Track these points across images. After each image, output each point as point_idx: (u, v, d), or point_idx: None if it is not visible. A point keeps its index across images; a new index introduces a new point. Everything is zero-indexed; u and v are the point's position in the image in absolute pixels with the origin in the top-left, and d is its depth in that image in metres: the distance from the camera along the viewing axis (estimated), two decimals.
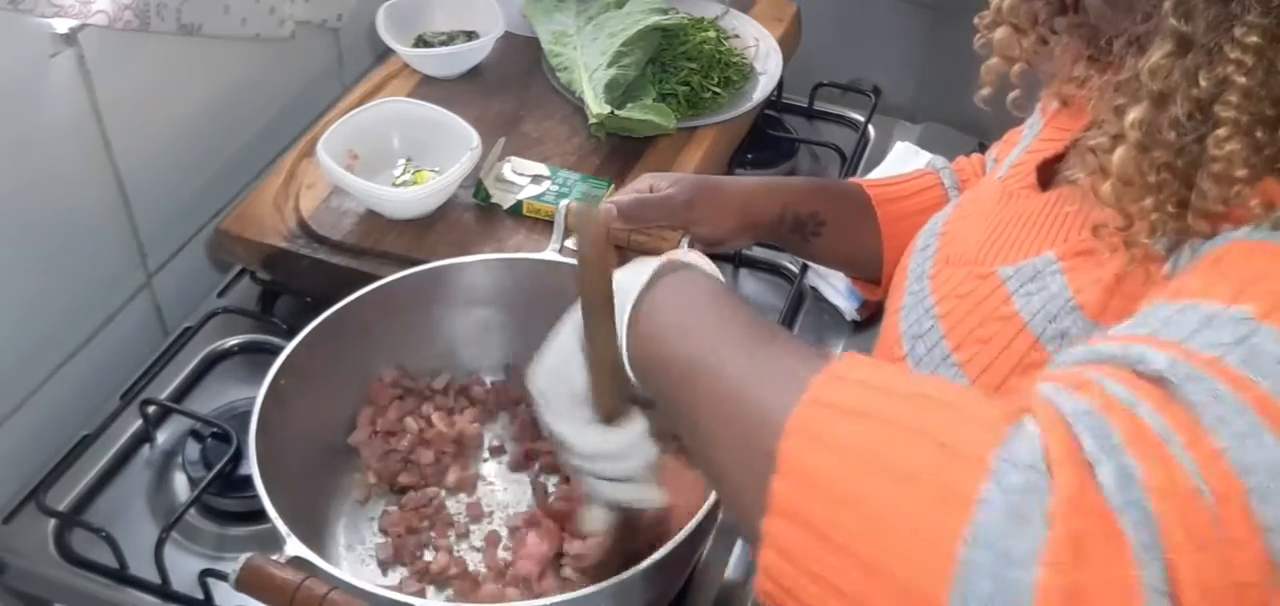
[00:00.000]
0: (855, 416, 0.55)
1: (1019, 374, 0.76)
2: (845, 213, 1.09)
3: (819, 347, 0.69)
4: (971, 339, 0.80)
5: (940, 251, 0.91)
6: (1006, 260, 0.82)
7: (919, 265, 0.93)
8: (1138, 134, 0.66)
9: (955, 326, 0.82)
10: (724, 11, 1.50)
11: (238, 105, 1.27)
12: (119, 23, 1.05)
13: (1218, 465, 0.51)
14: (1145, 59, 0.66)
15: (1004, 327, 0.78)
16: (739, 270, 1.28)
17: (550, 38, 1.41)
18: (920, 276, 0.91)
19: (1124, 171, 0.67)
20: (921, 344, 0.84)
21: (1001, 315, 0.79)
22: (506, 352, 1.08)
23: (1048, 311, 0.75)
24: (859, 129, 1.47)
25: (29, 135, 1.01)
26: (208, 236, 1.26)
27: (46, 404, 1.08)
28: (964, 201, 0.96)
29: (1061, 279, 0.76)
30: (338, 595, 0.74)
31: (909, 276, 0.93)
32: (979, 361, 0.79)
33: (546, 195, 1.20)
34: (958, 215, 0.94)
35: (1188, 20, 0.64)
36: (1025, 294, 0.78)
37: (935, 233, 0.94)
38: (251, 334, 1.18)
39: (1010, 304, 0.78)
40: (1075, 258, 0.76)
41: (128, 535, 0.97)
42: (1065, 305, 0.74)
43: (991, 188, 0.92)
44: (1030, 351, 0.75)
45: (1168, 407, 0.53)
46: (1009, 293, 0.79)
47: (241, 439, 1.01)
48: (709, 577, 0.97)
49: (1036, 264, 0.78)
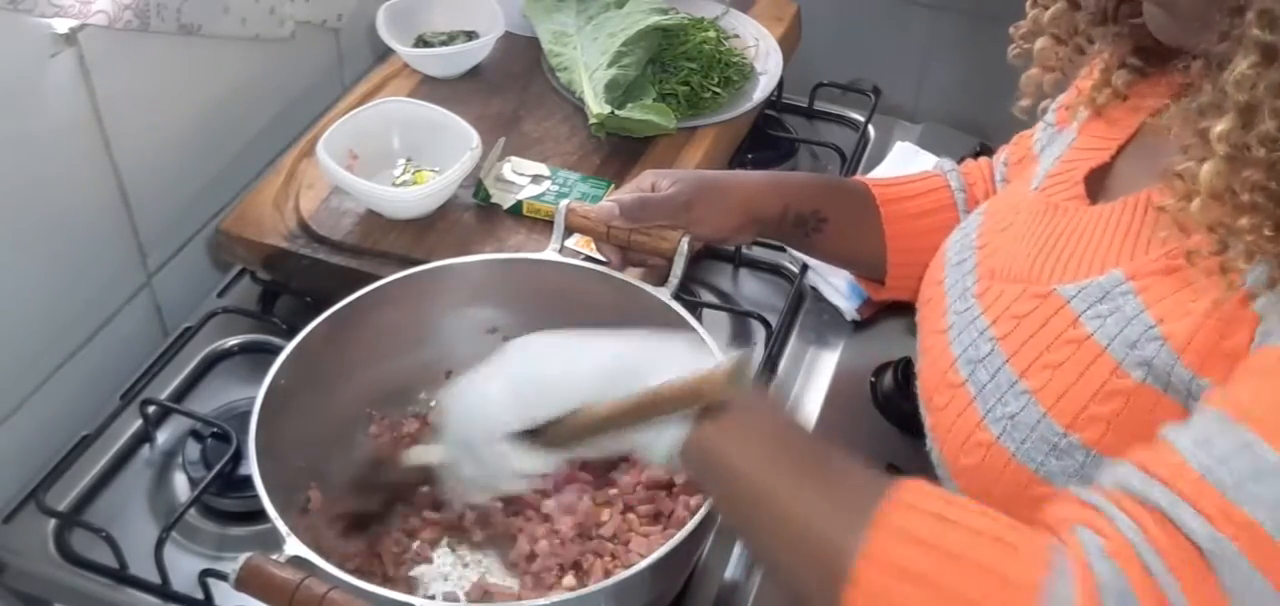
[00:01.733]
0: (925, 547, 0.63)
1: (1101, 401, 0.75)
2: (847, 210, 1.09)
3: (876, 472, 0.71)
4: (1040, 365, 0.79)
5: (982, 265, 0.90)
6: (1065, 278, 0.80)
7: (959, 280, 0.91)
8: (1226, 147, 0.66)
9: (1019, 350, 0.81)
10: (724, 11, 1.50)
11: (238, 105, 1.27)
12: (119, 23, 1.05)
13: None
14: (1229, 72, 0.66)
15: (1078, 352, 0.77)
16: (739, 270, 1.28)
17: (550, 38, 1.41)
18: (964, 293, 0.90)
19: (1213, 186, 0.67)
20: (982, 369, 0.83)
21: (1071, 338, 0.77)
22: None
23: (1126, 337, 0.74)
24: (859, 129, 1.47)
25: (29, 135, 1.01)
26: (208, 236, 1.26)
27: (46, 404, 1.08)
28: (999, 210, 0.95)
29: (1135, 301, 0.75)
30: (337, 594, 0.74)
31: (949, 293, 0.92)
32: (1053, 388, 0.77)
33: (546, 195, 1.20)
34: (993, 226, 0.92)
35: (1273, 30, 0.64)
36: (1096, 316, 0.76)
37: (971, 245, 0.93)
38: (251, 334, 1.18)
39: (1079, 326, 0.77)
40: (1149, 278, 0.75)
41: (128, 535, 0.97)
42: (1146, 332, 0.73)
43: (1028, 197, 0.90)
44: (1111, 378, 0.75)
45: (1198, 589, 0.58)
46: (1075, 314, 0.78)
47: (241, 439, 1.01)
48: (709, 577, 0.97)
49: (1103, 284, 0.77)
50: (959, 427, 0.83)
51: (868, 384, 1.13)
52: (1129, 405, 0.74)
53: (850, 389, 1.14)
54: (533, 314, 1.06)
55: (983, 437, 0.81)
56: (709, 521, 0.86)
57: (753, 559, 0.72)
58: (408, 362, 1.05)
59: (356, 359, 1.01)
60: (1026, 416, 0.79)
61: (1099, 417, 0.75)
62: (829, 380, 1.15)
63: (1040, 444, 0.78)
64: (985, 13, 0.93)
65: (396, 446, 0.98)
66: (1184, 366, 0.72)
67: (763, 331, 1.16)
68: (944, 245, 0.98)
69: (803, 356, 1.17)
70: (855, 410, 1.11)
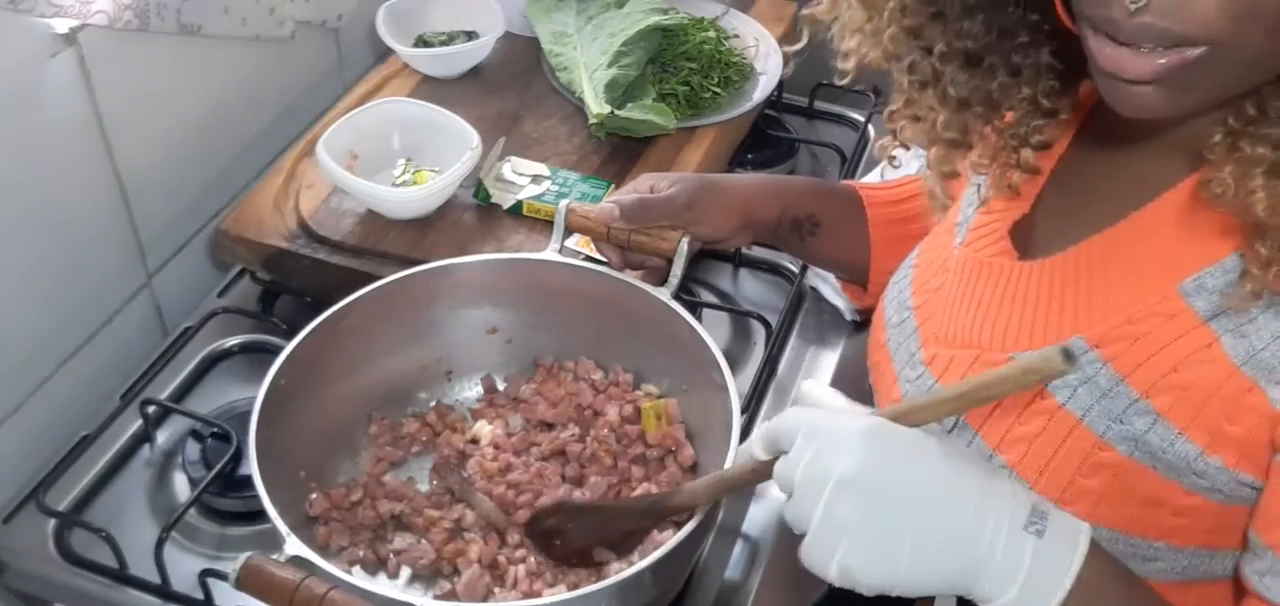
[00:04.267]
0: None
1: (1086, 474, 0.73)
2: (839, 214, 1.09)
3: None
4: (1013, 437, 0.76)
5: (923, 328, 0.87)
6: (1018, 343, 0.78)
7: (902, 344, 0.89)
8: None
9: (986, 423, 0.78)
10: (724, 11, 1.50)
11: (238, 105, 1.27)
12: (119, 23, 1.05)
13: None
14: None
15: (1052, 424, 0.75)
16: (739, 270, 1.28)
17: (550, 38, 1.41)
18: (911, 359, 0.87)
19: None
20: (951, 443, 0.79)
21: (1040, 409, 0.75)
22: (506, 353, 1.08)
23: (1108, 409, 0.73)
24: (859, 129, 1.47)
25: (29, 135, 1.01)
26: (208, 236, 1.26)
27: (46, 404, 1.08)
28: (925, 265, 0.92)
29: (1109, 371, 0.73)
30: (337, 594, 0.74)
31: (895, 358, 0.90)
32: (1033, 462, 0.75)
33: (546, 195, 1.20)
34: (923, 284, 0.90)
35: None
36: (1064, 386, 0.74)
37: (907, 305, 0.91)
38: (251, 334, 1.18)
39: (1047, 397, 0.75)
40: (1116, 345, 0.73)
41: (128, 535, 0.97)
42: (1132, 405, 0.72)
43: (954, 254, 0.88)
44: (1094, 451, 0.73)
45: None
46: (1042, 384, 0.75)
47: (241, 439, 1.01)
48: (709, 577, 0.97)
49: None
50: None
51: (868, 384, 1.13)
52: (1117, 479, 0.73)
53: (850, 389, 1.11)
54: (533, 314, 1.07)
55: None
56: (709, 521, 0.86)
57: None
58: (408, 362, 1.05)
59: (356, 359, 1.01)
60: None
61: (1088, 491, 0.74)
62: (829, 380, 1.15)
63: None
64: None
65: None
66: (1187, 442, 0.70)
67: (763, 331, 1.16)
68: (882, 300, 0.96)
69: (803, 356, 1.17)
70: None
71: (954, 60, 0.79)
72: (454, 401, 1.07)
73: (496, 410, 1.05)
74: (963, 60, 0.79)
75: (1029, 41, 0.79)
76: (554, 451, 1.00)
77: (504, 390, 1.07)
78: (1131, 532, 0.74)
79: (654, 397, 1.03)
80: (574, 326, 1.06)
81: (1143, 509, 0.73)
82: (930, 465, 0.66)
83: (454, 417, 1.04)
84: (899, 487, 0.66)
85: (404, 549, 0.94)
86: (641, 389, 1.04)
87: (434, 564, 0.93)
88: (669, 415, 1.00)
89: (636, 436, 1.00)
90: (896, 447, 0.67)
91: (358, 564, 0.93)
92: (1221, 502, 0.71)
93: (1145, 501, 0.73)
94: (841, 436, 0.68)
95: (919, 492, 0.66)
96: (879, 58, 0.83)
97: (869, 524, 0.66)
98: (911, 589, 0.67)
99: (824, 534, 0.66)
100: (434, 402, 1.06)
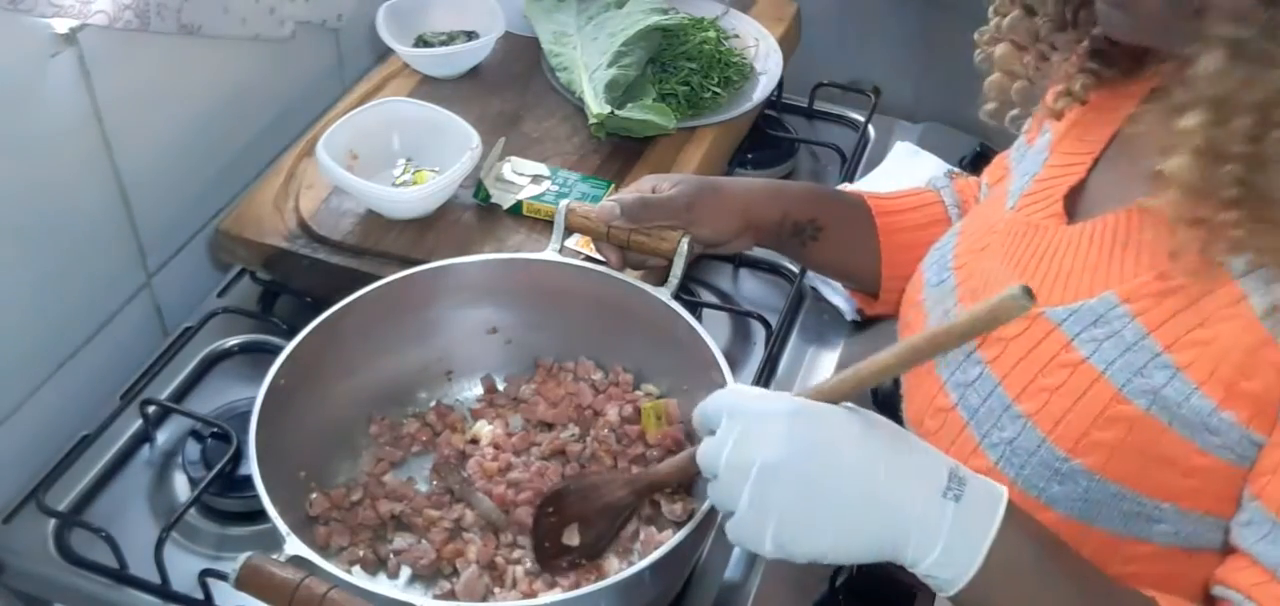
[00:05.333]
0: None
1: (1102, 427, 0.75)
2: (843, 221, 1.09)
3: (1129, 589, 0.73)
4: (1035, 388, 0.78)
5: (961, 286, 0.89)
6: (1052, 300, 0.79)
7: (939, 302, 0.91)
8: (1199, 140, 0.67)
9: (1010, 373, 0.80)
10: (724, 11, 1.50)
11: (238, 105, 1.27)
12: (119, 23, 1.05)
13: None
14: (1197, 68, 0.66)
15: (1073, 377, 0.76)
16: (739, 270, 1.28)
17: (550, 38, 1.41)
18: (945, 315, 0.89)
19: (1191, 183, 0.68)
20: (973, 393, 0.82)
21: (1064, 362, 0.77)
22: (506, 353, 1.08)
23: (1130, 362, 0.74)
24: (859, 129, 1.47)
25: (29, 135, 1.01)
26: (208, 236, 1.26)
27: (46, 404, 1.08)
28: (973, 230, 0.94)
29: (1136, 325, 0.74)
30: (337, 594, 0.74)
31: (930, 314, 0.91)
32: (1051, 412, 0.77)
33: (546, 195, 1.20)
34: (969, 246, 0.92)
35: (1241, 26, 0.65)
36: (1091, 340, 0.76)
37: (948, 265, 0.92)
38: (251, 334, 1.18)
39: (1072, 350, 0.77)
40: (1146, 300, 0.75)
41: (128, 535, 0.97)
42: (1154, 359, 0.73)
43: (1004, 217, 0.90)
44: (1111, 404, 0.74)
45: None
46: (1068, 338, 0.77)
47: (241, 439, 1.01)
48: (709, 577, 0.97)
49: (1094, 307, 0.77)
50: (953, 454, 0.81)
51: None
52: (1131, 433, 0.74)
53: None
54: (533, 314, 1.07)
55: (979, 464, 0.80)
56: (709, 521, 0.86)
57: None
58: (408, 362, 1.05)
59: (356, 359, 1.01)
60: (1025, 441, 0.78)
61: (1101, 443, 0.75)
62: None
63: (1041, 470, 0.77)
64: (986, 13, 0.93)
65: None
66: (1203, 397, 0.71)
67: (763, 331, 1.16)
68: (921, 264, 0.98)
69: (803, 356, 1.17)
70: None
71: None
72: (454, 401, 1.07)
73: (496, 410, 1.05)
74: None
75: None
76: (554, 451, 1.00)
77: (504, 390, 1.07)
78: (1140, 490, 0.75)
79: (654, 397, 1.03)
80: (574, 326, 1.06)
81: (1155, 466, 0.74)
82: (848, 443, 0.71)
83: (454, 417, 1.04)
84: (818, 467, 0.70)
85: (404, 549, 0.94)
86: (641, 389, 1.05)
87: (434, 564, 0.93)
88: (669, 415, 1.00)
89: (636, 436, 1.00)
90: (816, 429, 0.72)
91: (358, 564, 0.93)
92: (1232, 463, 0.72)
93: (1157, 459, 0.74)
94: (764, 420, 0.72)
95: (837, 471, 0.70)
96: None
97: (793, 504, 0.70)
98: (843, 558, 0.73)
99: (752, 516, 0.71)
100: (434, 402, 1.06)
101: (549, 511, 0.92)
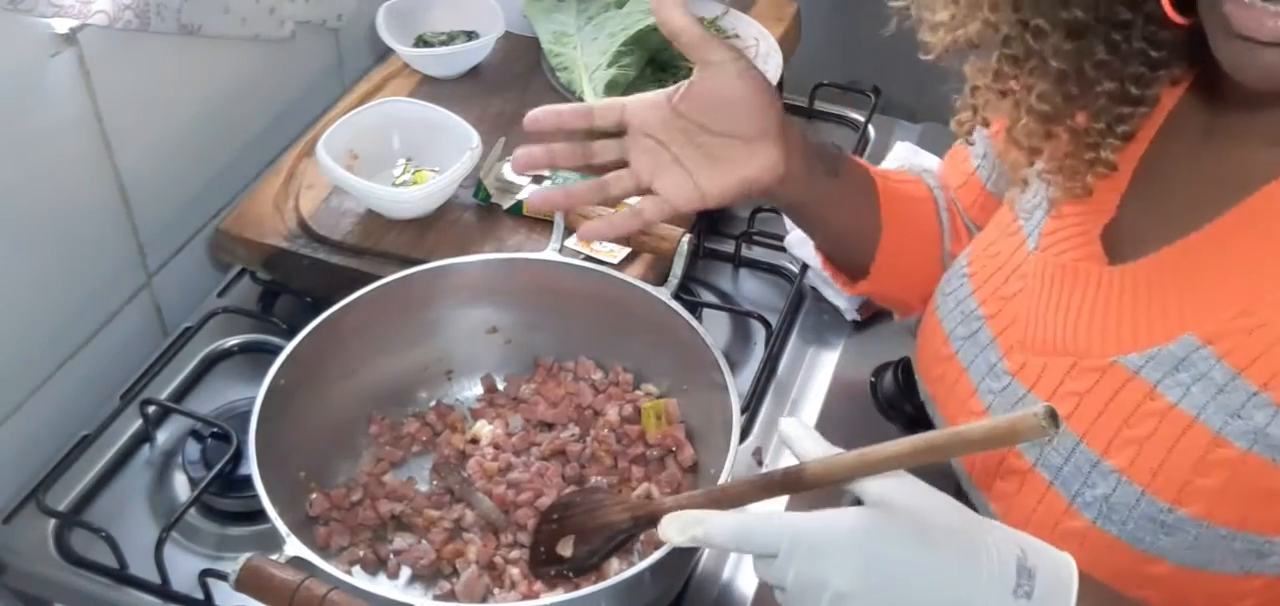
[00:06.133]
0: None
1: (1203, 473, 0.72)
2: (853, 167, 1.03)
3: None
4: (1122, 440, 0.75)
5: (1003, 338, 0.85)
6: (1121, 347, 0.77)
7: (978, 355, 0.86)
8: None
9: (1092, 427, 0.77)
10: (724, 11, 1.50)
11: (238, 105, 1.27)
12: (119, 23, 1.05)
13: None
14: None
15: (1163, 425, 0.73)
16: (739, 270, 1.28)
17: (550, 38, 1.41)
18: (993, 370, 0.85)
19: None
20: (1053, 453, 0.79)
21: (1151, 410, 0.74)
22: (506, 353, 1.08)
23: (1225, 404, 0.71)
24: (859, 129, 1.47)
25: (29, 135, 1.01)
26: (208, 236, 1.26)
27: (46, 404, 1.08)
28: (988, 270, 0.89)
29: (1224, 367, 0.72)
30: (337, 595, 0.74)
31: (971, 370, 0.87)
32: (1145, 464, 0.74)
33: None
34: (993, 290, 0.88)
35: None
36: (1177, 385, 0.73)
37: (974, 314, 0.89)
38: (251, 334, 1.18)
39: (1157, 397, 0.74)
40: (1230, 339, 0.72)
41: (128, 535, 0.97)
42: (1251, 398, 0.71)
43: (1028, 258, 0.86)
44: (1211, 448, 0.72)
45: None
46: (1150, 384, 0.74)
47: (241, 439, 1.01)
48: (709, 577, 0.97)
49: (1174, 351, 0.74)
50: (1040, 515, 0.80)
51: (868, 384, 1.13)
52: (1236, 476, 0.72)
53: (850, 389, 1.14)
54: (533, 314, 1.07)
55: (1074, 525, 0.78)
56: None
57: None
58: (408, 362, 1.05)
59: (356, 359, 1.01)
60: (1122, 496, 0.75)
61: (1205, 490, 0.72)
62: (829, 380, 1.15)
63: (1146, 524, 0.74)
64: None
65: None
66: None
67: (763, 331, 1.16)
68: (932, 308, 0.94)
69: (803, 356, 1.18)
70: (855, 410, 1.11)
71: (1057, 31, 0.80)
72: (454, 401, 1.07)
73: (496, 410, 1.05)
74: (1066, 31, 0.80)
75: (1129, 21, 0.80)
76: (554, 451, 1.00)
77: (504, 390, 1.07)
78: (1249, 529, 0.72)
79: (654, 397, 1.03)
80: (574, 326, 1.06)
81: (1263, 504, 0.72)
82: (920, 565, 0.67)
83: (454, 417, 1.04)
84: (893, 591, 0.67)
85: (404, 549, 0.94)
86: (641, 389, 1.05)
87: (434, 564, 0.93)
88: (669, 415, 1.00)
89: (636, 436, 1.00)
90: (888, 549, 0.67)
91: (358, 564, 0.93)
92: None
93: (1265, 495, 0.71)
94: (832, 544, 0.68)
95: (909, 595, 0.67)
96: (975, 31, 0.83)
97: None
98: None
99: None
100: (434, 402, 1.06)
101: (552, 519, 0.92)
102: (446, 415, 1.04)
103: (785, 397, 1.13)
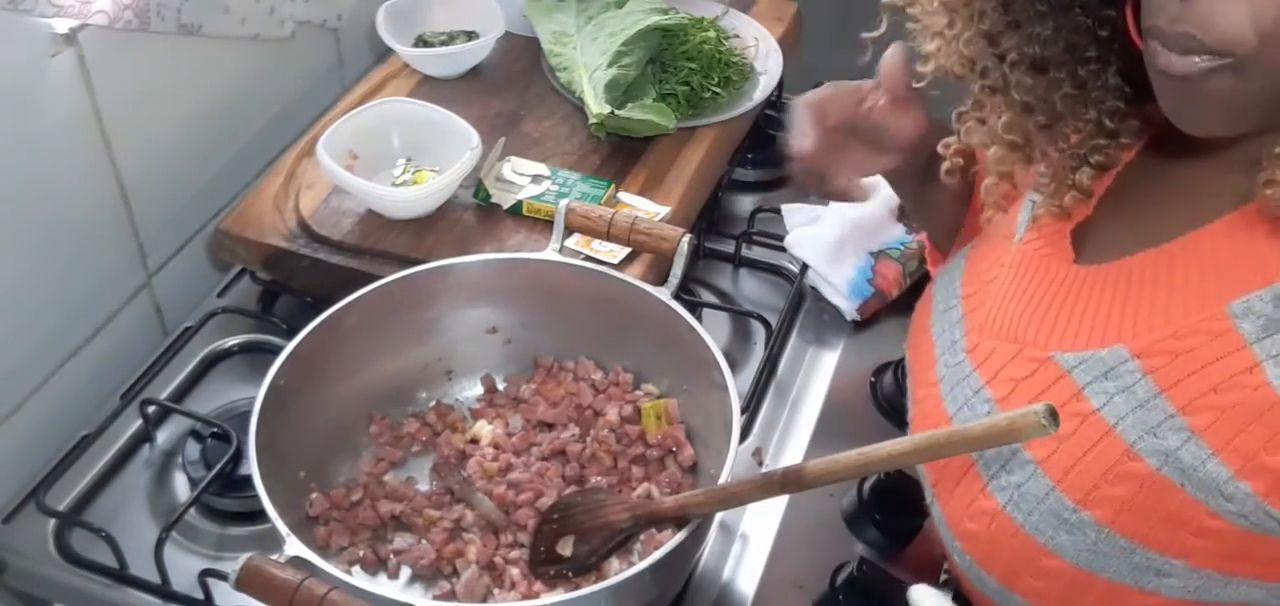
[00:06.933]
0: None
1: (1112, 482, 0.73)
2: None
3: None
4: (1045, 436, 0.75)
5: (969, 317, 0.87)
6: (1061, 344, 0.78)
7: (946, 331, 0.89)
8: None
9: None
10: (724, 11, 1.50)
11: (238, 105, 1.28)
12: (119, 23, 1.05)
13: None
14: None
15: (1084, 427, 0.75)
16: (739, 270, 1.28)
17: (550, 38, 1.41)
18: (952, 346, 0.87)
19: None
20: None
21: (1075, 411, 0.75)
22: (506, 353, 1.08)
23: (1142, 420, 0.72)
24: None
25: (29, 135, 1.01)
26: (208, 236, 1.26)
27: (46, 404, 1.08)
28: (981, 259, 0.92)
29: (1148, 383, 0.73)
30: (337, 595, 0.74)
31: (937, 343, 0.90)
32: (1060, 461, 0.76)
33: (546, 195, 1.20)
34: (975, 275, 0.90)
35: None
36: (1102, 392, 0.75)
37: (955, 292, 0.91)
38: (251, 334, 1.18)
39: (1082, 400, 0.75)
40: (1158, 359, 0.73)
41: (128, 535, 0.97)
42: (1167, 419, 0.72)
43: (1011, 250, 0.88)
44: (1123, 460, 0.73)
45: None
46: (1078, 386, 0.76)
47: (241, 439, 1.01)
48: (709, 577, 0.97)
49: (1105, 358, 0.75)
50: (960, 492, 0.82)
51: (868, 384, 1.14)
52: (1143, 490, 0.72)
53: (850, 389, 1.14)
54: (533, 314, 1.07)
55: (986, 505, 0.80)
56: (709, 521, 0.86)
57: None
58: (408, 362, 1.05)
59: (356, 359, 1.01)
60: (1034, 487, 0.77)
61: (1111, 498, 0.74)
62: (829, 380, 1.15)
63: (1049, 518, 0.76)
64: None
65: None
66: (1219, 464, 0.70)
67: (763, 331, 1.16)
68: (930, 288, 0.96)
69: (803, 356, 1.18)
70: (855, 410, 1.12)
71: (1022, 66, 0.82)
72: (454, 401, 1.07)
73: (496, 410, 1.05)
74: (1030, 65, 0.82)
75: (1097, 58, 0.82)
76: (554, 451, 1.00)
77: (504, 390, 1.07)
78: (1150, 546, 0.73)
79: (654, 397, 1.03)
80: (574, 326, 1.06)
81: (1165, 525, 0.73)
82: None
83: (454, 417, 1.05)
84: None
85: (404, 549, 0.94)
86: (641, 389, 1.05)
87: (434, 564, 0.93)
88: (669, 415, 1.00)
89: (636, 436, 1.00)
90: None
91: (358, 564, 0.93)
92: (1245, 528, 0.71)
93: (1169, 518, 0.72)
94: None
95: None
96: (956, 64, 0.86)
97: None
98: None
99: None
100: (434, 402, 1.06)
101: (553, 519, 0.92)
102: (446, 415, 1.04)
103: (785, 397, 1.13)
